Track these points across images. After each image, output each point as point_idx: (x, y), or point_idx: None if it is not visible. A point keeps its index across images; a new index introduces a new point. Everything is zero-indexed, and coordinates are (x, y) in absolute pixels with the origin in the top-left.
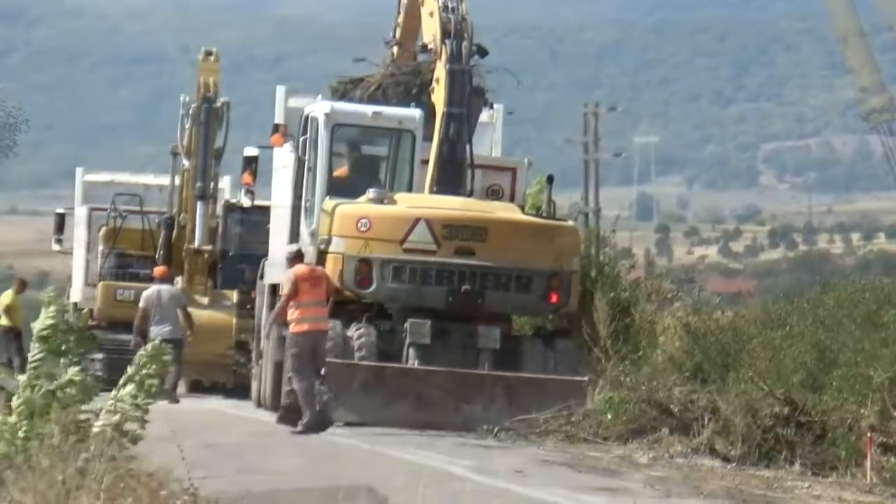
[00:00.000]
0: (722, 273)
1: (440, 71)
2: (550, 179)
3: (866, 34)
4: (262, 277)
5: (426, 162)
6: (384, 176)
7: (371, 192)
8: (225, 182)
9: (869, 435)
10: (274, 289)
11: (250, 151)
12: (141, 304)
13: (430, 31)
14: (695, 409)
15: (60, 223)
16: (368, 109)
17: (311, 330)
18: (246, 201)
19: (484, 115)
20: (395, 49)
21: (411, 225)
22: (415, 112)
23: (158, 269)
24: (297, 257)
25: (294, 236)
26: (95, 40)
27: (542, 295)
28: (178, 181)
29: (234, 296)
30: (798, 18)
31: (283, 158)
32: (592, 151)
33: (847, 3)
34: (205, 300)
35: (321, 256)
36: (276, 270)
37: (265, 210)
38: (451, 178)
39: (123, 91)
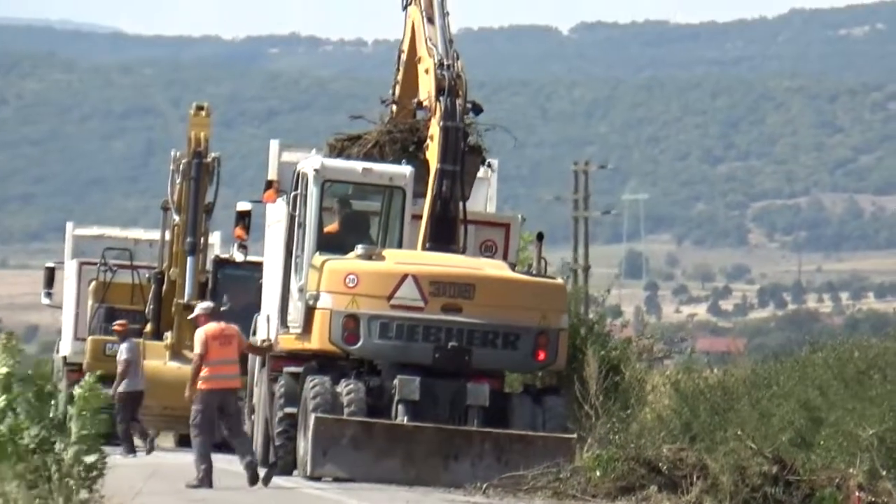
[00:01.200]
0: (711, 331)
1: (434, 128)
2: (540, 236)
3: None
4: (254, 333)
5: (418, 217)
6: (375, 232)
7: (360, 249)
8: (215, 237)
9: (857, 494)
10: None
11: (243, 206)
12: (128, 357)
13: (425, 88)
14: (683, 468)
15: (50, 277)
16: (359, 166)
17: (218, 388)
18: (239, 256)
19: (481, 171)
20: (394, 107)
21: (399, 281)
22: (405, 169)
23: (123, 324)
24: (209, 315)
25: (285, 292)
26: (87, 93)
27: (530, 352)
28: (168, 236)
29: None
30: (789, 77)
31: (275, 213)
32: (582, 209)
33: None
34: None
35: (309, 312)
36: (271, 325)
37: (256, 265)
38: (443, 234)
39: (114, 144)
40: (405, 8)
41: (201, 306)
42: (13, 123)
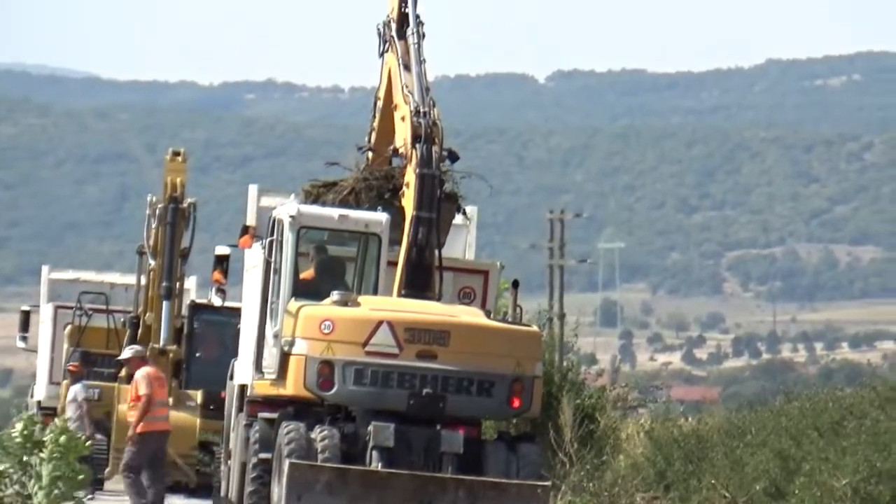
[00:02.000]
0: (685, 380)
1: (410, 175)
2: (516, 284)
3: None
4: (231, 378)
5: (393, 264)
6: (351, 278)
7: (335, 295)
8: (191, 282)
9: None
10: (243, 389)
11: (222, 250)
12: (88, 396)
13: (401, 135)
14: None
15: (25, 320)
16: (335, 212)
17: (158, 430)
18: (217, 300)
19: (458, 218)
20: (370, 154)
21: (374, 328)
22: (381, 216)
23: (76, 365)
24: (142, 358)
25: (261, 337)
26: (61, 138)
27: (505, 399)
28: (143, 280)
29: (199, 396)
30: (764, 127)
31: (253, 258)
32: (557, 257)
33: None
34: (169, 400)
35: (284, 358)
36: (246, 371)
37: (233, 311)
38: (419, 281)
39: (89, 189)
40: (381, 55)
41: (134, 349)
42: None
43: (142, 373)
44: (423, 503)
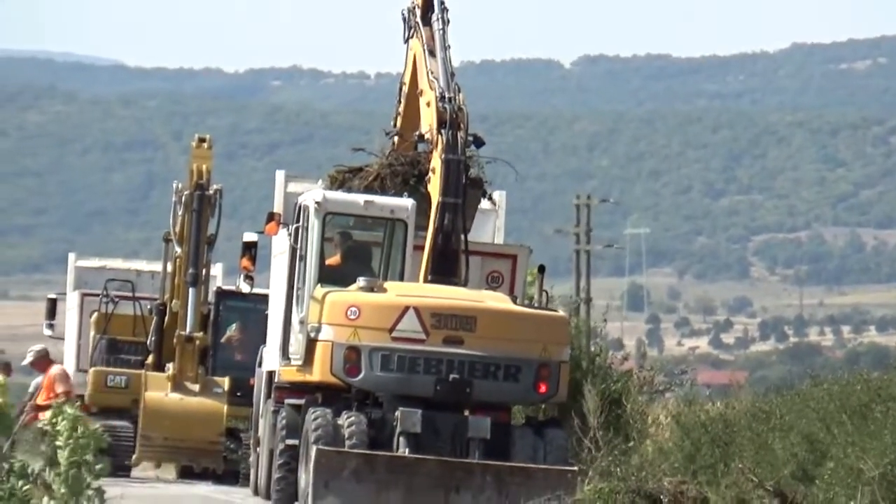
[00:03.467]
0: (712, 364)
1: (436, 161)
2: (542, 269)
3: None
4: (260, 365)
5: (420, 248)
6: (377, 265)
7: (361, 281)
8: (217, 269)
9: None
10: (271, 376)
11: (250, 237)
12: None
13: (427, 120)
14: (685, 500)
15: (52, 308)
16: (360, 198)
17: None
18: (245, 287)
19: (486, 203)
20: (396, 139)
21: (400, 313)
22: (407, 201)
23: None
24: (47, 357)
25: (287, 323)
26: (88, 125)
27: (531, 384)
28: (170, 268)
29: (227, 382)
30: (790, 111)
31: (280, 245)
32: (584, 242)
33: None
34: (195, 387)
35: (311, 344)
36: (274, 358)
37: (260, 297)
38: (445, 267)
39: (115, 177)
40: (406, 41)
41: (36, 350)
42: (14, 155)
43: (62, 371)
44: (450, 489)
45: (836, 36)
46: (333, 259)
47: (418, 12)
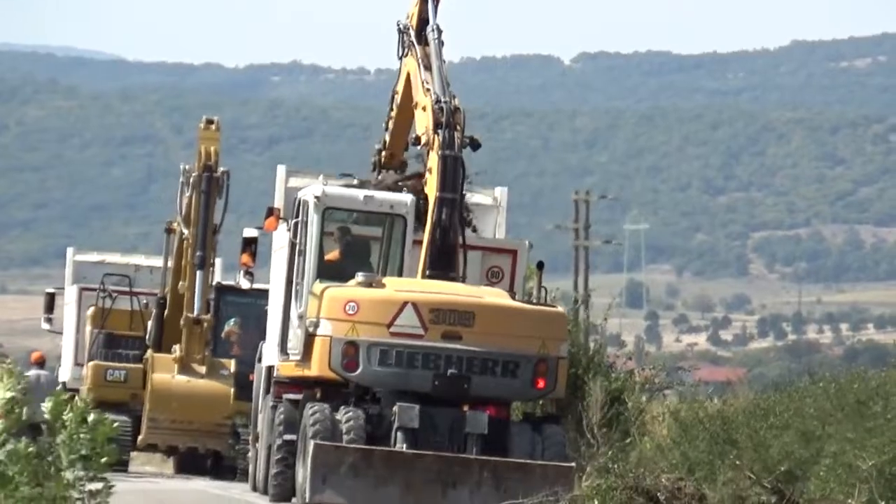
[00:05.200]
0: (711, 361)
1: (433, 159)
2: (541, 265)
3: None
4: (259, 360)
5: (419, 243)
6: (376, 260)
7: (360, 276)
8: (217, 264)
9: None
10: (270, 371)
11: (250, 232)
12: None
13: (422, 123)
14: (682, 497)
15: (50, 302)
16: (360, 194)
17: None
18: (245, 283)
19: (488, 198)
20: (383, 155)
21: (399, 309)
22: (406, 197)
23: (35, 354)
24: None
25: (286, 318)
26: (88, 120)
27: (529, 380)
28: (170, 261)
29: (232, 365)
30: (790, 108)
31: (280, 240)
32: (583, 238)
33: None
34: (202, 369)
35: (309, 339)
36: (273, 353)
37: (260, 293)
38: (443, 262)
39: (115, 171)
40: (401, 58)
41: None
42: (14, 150)
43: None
44: (448, 484)
45: (837, 34)
46: (333, 254)
47: (412, 32)
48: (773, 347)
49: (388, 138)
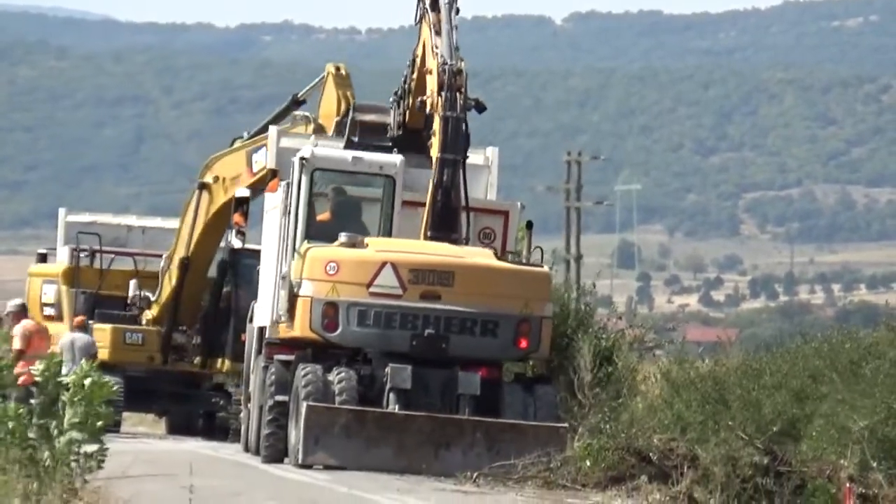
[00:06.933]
0: (702, 321)
1: (437, 122)
2: (530, 225)
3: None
4: (251, 321)
5: (409, 204)
6: (366, 220)
7: (343, 237)
8: None
9: (848, 485)
10: (261, 332)
11: (242, 192)
12: (55, 349)
13: (429, 86)
14: (674, 458)
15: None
16: (349, 154)
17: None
18: (237, 242)
19: (480, 158)
20: (407, 113)
21: (378, 269)
22: (396, 157)
23: (78, 319)
24: (21, 311)
25: (279, 279)
26: (78, 80)
27: (511, 340)
28: (198, 221)
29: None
30: (782, 69)
31: (272, 201)
32: (574, 199)
33: None
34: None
35: (293, 299)
36: (265, 313)
37: (252, 253)
38: (445, 223)
39: (106, 131)
40: (418, 23)
41: (13, 303)
42: (5, 110)
43: (19, 328)
44: (441, 445)
45: None
46: (324, 215)
47: (427, 0)
48: (765, 308)
49: (411, 101)
